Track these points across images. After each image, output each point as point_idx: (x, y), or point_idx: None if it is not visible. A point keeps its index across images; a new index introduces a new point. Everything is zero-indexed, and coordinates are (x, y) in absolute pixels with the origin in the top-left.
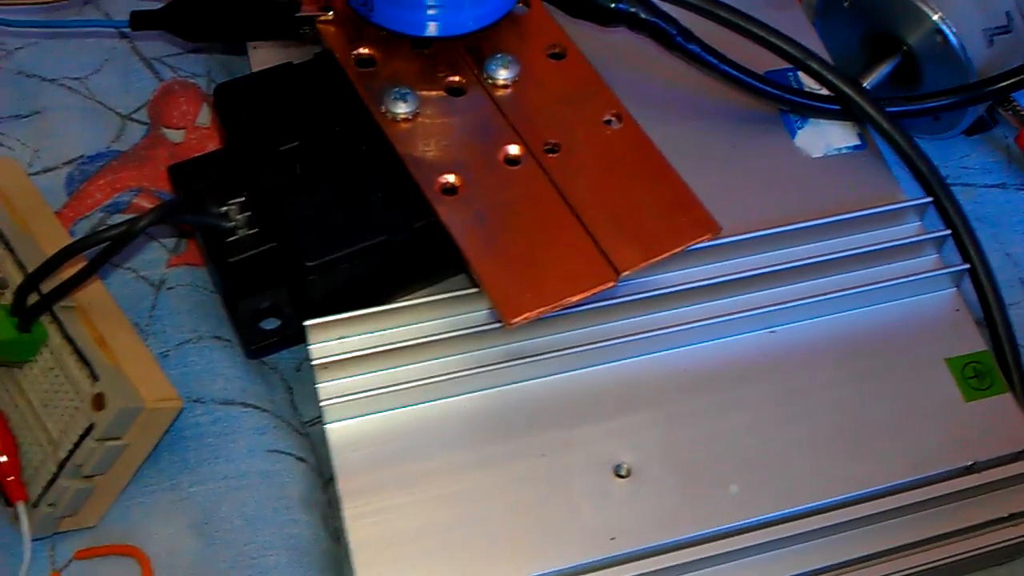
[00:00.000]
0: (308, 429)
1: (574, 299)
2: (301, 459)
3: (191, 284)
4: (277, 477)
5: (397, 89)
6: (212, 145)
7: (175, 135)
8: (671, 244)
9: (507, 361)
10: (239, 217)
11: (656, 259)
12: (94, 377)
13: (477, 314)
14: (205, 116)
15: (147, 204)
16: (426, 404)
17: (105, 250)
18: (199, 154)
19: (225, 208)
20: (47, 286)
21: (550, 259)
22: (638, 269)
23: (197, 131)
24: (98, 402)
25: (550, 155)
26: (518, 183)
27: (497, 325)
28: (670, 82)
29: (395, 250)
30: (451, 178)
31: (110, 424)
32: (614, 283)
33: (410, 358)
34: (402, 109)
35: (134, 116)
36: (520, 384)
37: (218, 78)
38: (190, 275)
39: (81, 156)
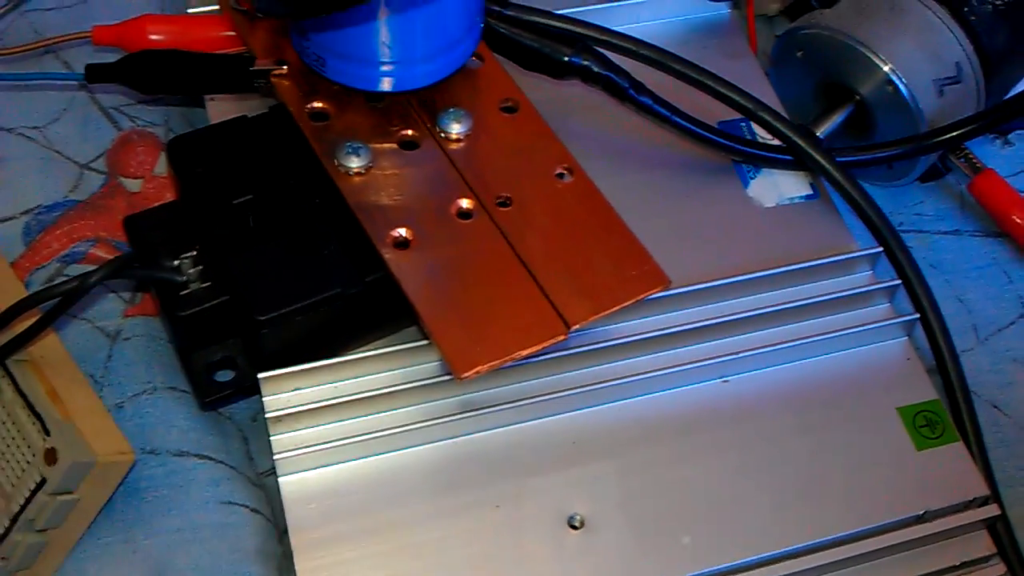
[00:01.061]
0: (264, 480)
1: (525, 352)
2: (256, 511)
3: (147, 335)
4: (232, 529)
5: (350, 143)
6: (170, 195)
7: (133, 184)
8: (621, 297)
9: (461, 413)
10: (192, 271)
11: (606, 312)
12: (46, 431)
13: (430, 366)
14: (163, 166)
15: (104, 254)
16: (380, 456)
17: (57, 304)
18: (154, 205)
19: (178, 261)
20: (0, 340)
21: (501, 312)
22: (588, 322)
23: (155, 180)
24: (50, 456)
25: (502, 209)
26: (470, 237)
27: (449, 377)
28: (623, 133)
29: (348, 303)
30: (403, 232)
31: (62, 478)
32: (564, 336)
33: (364, 410)
34: (355, 163)
35: (92, 165)
36: (474, 435)
37: (177, 128)
38: (146, 326)
39: (38, 206)
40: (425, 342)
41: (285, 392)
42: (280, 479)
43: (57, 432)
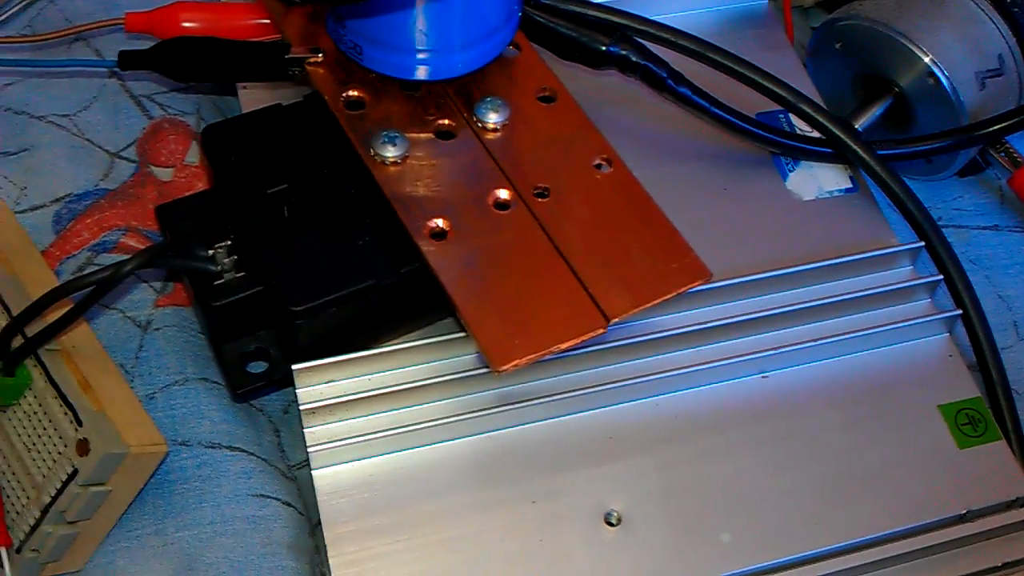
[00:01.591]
0: (295, 473)
1: (564, 346)
2: (288, 504)
3: (178, 325)
4: (263, 522)
5: (386, 132)
6: (201, 184)
7: (164, 173)
8: (661, 291)
9: (497, 407)
10: (226, 260)
11: (646, 306)
12: (78, 422)
13: (466, 359)
14: (194, 155)
15: (135, 243)
16: (415, 450)
17: (90, 294)
18: (187, 194)
19: (212, 251)
20: (32, 329)
21: (540, 305)
22: (628, 316)
23: (186, 169)
24: (82, 447)
25: (540, 200)
26: (507, 228)
27: (486, 370)
28: (661, 125)
29: (383, 295)
30: (440, 222)
31: (94, 469)
32: (604, 330)
33: (398, 403)
34: (391, 152)
35: (123, 154)
36: (510, 429)
37: (208, 117)
38: (177, 316)
39: (69, 194)
40: (461, 335)
41: (319, 384)
42: (313, 472)
43: (89, 422)
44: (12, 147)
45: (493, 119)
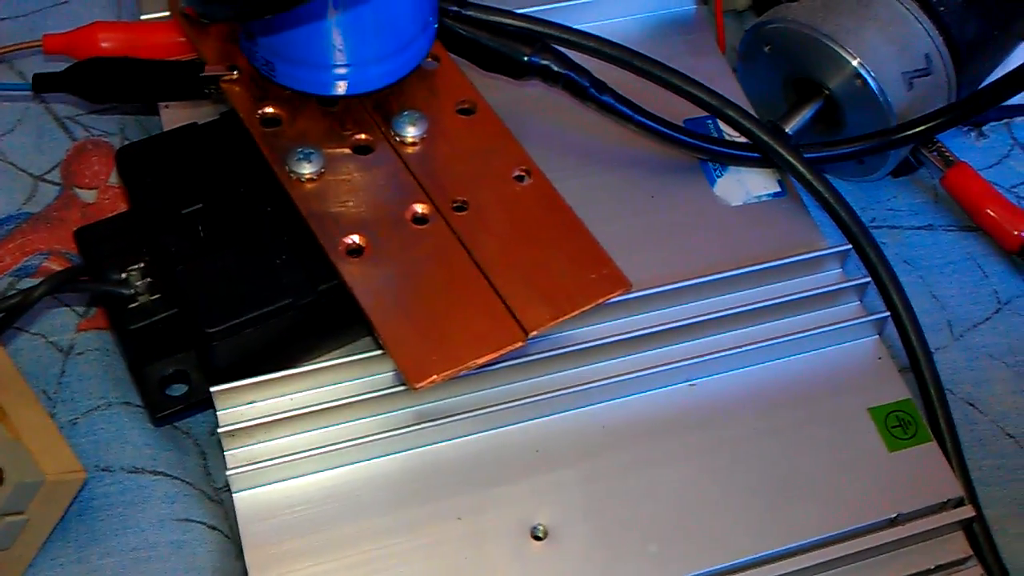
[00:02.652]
0: (222, 495)
1: (481, 360)
2: (213, 527)
3: (101, 349)
4: (188, 547)
5: (301, 149)
6: (125, 205)
7: (88, 195)
8: (581, 301)
9: (418, 423)
10: (140, 283)
11: (565, 317)
12: None
13: (387, 376)
14: (116, 176)
15: (57, 267)
16: (338, 469)
17: (4, 318)
18: (107, 216)
19: (126, 274)
20: None
21: (457, 320)
22: (547, 328)
23: (110, 191)
24: (1, 475)
25: (458, 213)
26: (425, 243)
27: (406, 388)
28: (586, 134)
29: (301, 313)
30: (356, 239)
31: (9, 498)
32: (523, 343)
33: (320, 422)
34: (307, 169)
35: (47, 177)
36: (433, 446)
37: (132, 136)
38: (100, 340)
39: None
40: (381, 352)
41: (239, 405)
42: (235, 495)
43: (4, 451)
44: None
45: (411, 132)
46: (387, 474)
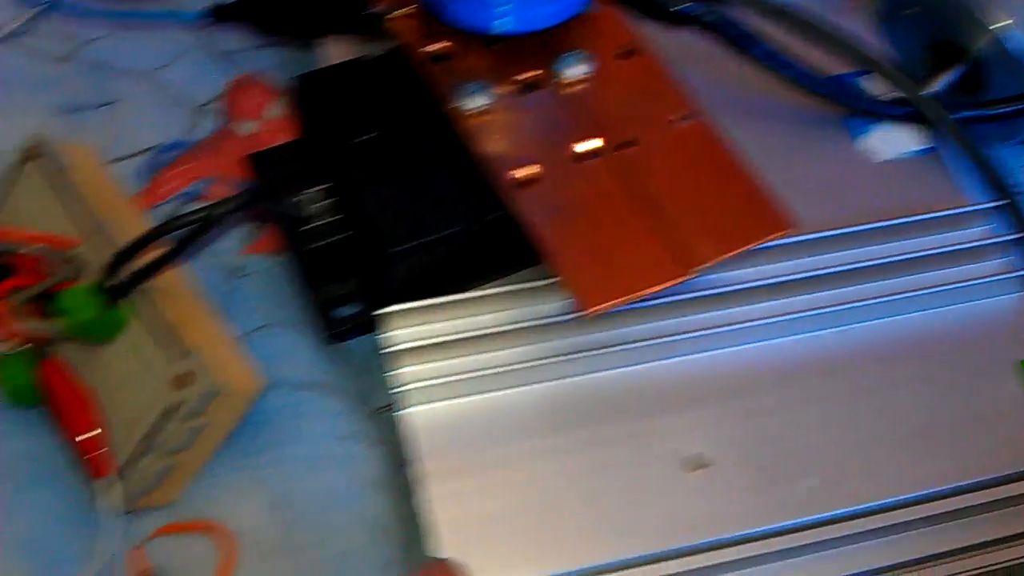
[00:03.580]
0: (380, 415)
1: (650, 290)
2: (374, 443)
3: (265, 272)
4: (352, 460)
5: (470, 84)
6: (284, 137)
7: (247, 127)
8: (745, 240)
9: (580, 352)
10: (318, 205)
11: (730, 254)
12: (178, 356)
13: (551, 305)
14: (276, 109)
15: (222, 193)
16: (499, 392)
17: (191, 233)
18: (276, 144)
19: (304, 196)
20: (132, 268)
21: (625, 252)
22: (712, 264)
23: (268, 123)
24: (182, 381)
25: (622, 151)
26: (591, 178)
27: (571, 316)
28: (735, 85)
29: (470, 240)
30: (525, 171)
31: (194, 403)
32: (689, 276)
33: (485, 347)
34: (475, 103)
35: (206, 108)
36: (594, 375)
37: (287, 73)
38: (265, 262)
39: (156, 145)
40: (543, 283)
41: (404, 328)
42: (402, 412)
43: (190, 357)
44: (99, 100)
45: (575, 72)
46: (547, 399)
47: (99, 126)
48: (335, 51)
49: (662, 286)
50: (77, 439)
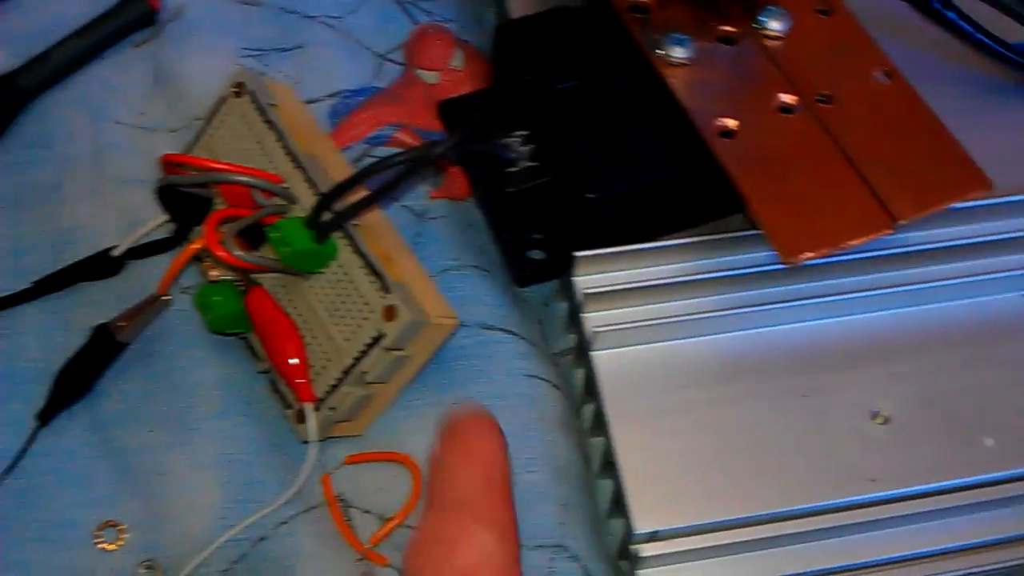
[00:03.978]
0: (559, 359)
1: (852, 243)
2: (556, 386)
3: (450, 216)
4: (537, 401)
5: (674, 34)
6: (466, 88)
7: (430, 76)
8: (946, 196)
9: (773, 303)
10: (522, 149)
11: (932, 210)
12: (385, 290)
13: (741, 256)
14: (459, 59)
15: (408, 139)
16: (689, 339)
17: (403, 172)
18: (467, 92)
19: (508, 140)
20: (342, 204)
21: (828, 204)
22: (915, 218)
23: (451, 73)
24: (389, 313)
25: (823, 105)
26: (793, 130)
27: (764, 268)
28: (923, 46)
29: (669, 189)
30: (728, 122)
31: (399, 335)
32: (891, 231)
33: (672, 295)
34: (679, 53)
35: (389, 56)
36: (785, 326)
37: (467, 24)
38: (449, 207)
39: (343, 90)
40: (740, 233)
41: (596, 273)
42: (593, 353)
43: (396, 291)
44: (287, 44)
45: (775, 27)
46: (737, 349)
47: (286, 69)
48: (516, 3)
49: (866, 238)
50: (281, 366)
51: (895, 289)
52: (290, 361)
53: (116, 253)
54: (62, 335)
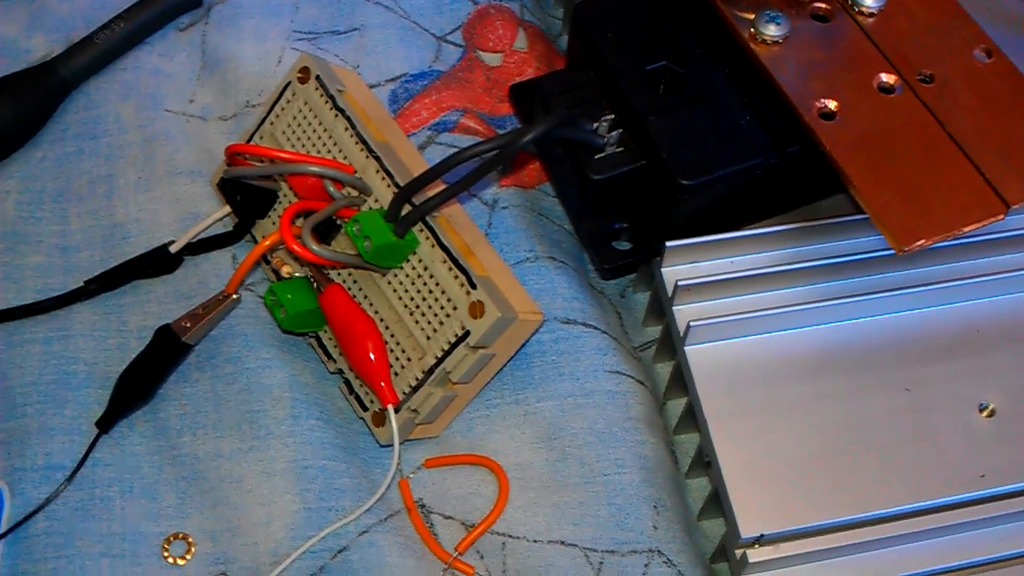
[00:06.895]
0: (639, 354)
1: (966, 229)
2: (640, 382)
3: (521, 205)
4: (621, 397)
5: (768, 12)
6: (530, 70)
7: (492, 59)
8: None
9: (873, 292)
10: (610, 134)
11: None
12: (471, 285)
13: (844, 243)
14: (522, 41)
15: (473, 124)
16: (783, 332)
17: (491, 160)
18: (533, 75)
19: (596, 124)
20: (422, 196)
21: (937, 188)
22: None
23: (515, 55)
24: (475, 309)
25: (924, 85)
26: (896, 111)
27: (865, 255)
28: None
29: (767, 175)
30: (828, 103)
31: (486, 332)
32: (1003, 215)
33: (772, 285)
34: (773, 32)
35: (448, 38)
36: (885, 316)
37: (528, 4)
38: (520, 196)
39: (404, 74)
40: (833, 220)
41: (686, 264)
42: (687, 348)
43: (482, 287)
44: (342, 27)
45: (870, 4)
46: (835, 340)
47: (342, 53)
48: None
49: (979, 224)
50: (359, 366)
51: (1000, 276)
52: (370, 361)
53: (174, 249)
54: (117, 336)
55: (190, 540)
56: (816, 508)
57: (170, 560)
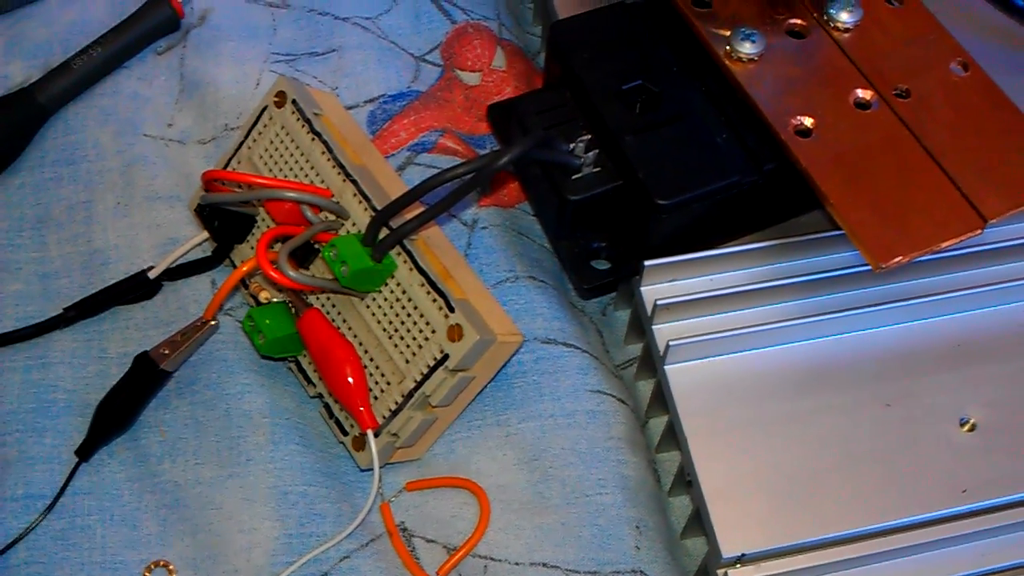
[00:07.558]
0: (620, 372)
1: (944, 245)
2: (622, 401)
3: (501, 225)
4: (603, 417)
5: (743, 29)
6: (509, 89)
7: (471, 78)
8: None
9: (852, 308)
10: (586, 155)
11: (1023, 207)
12: (449, 308)
13: (822, 259)
14: (500, 60)
15: (453, 144)
16: (761, 350)
17: (464, 186)
18: (511, 94)
19: (573, 145)
20: (400, 219)
21: (914, 204)
22: (1005, 217)
23: (493, 74)
24: (454, 333)
25: (901, 100)
26: (872, 127)
27: (843, 271)
28: (990, 38)
29: (743, 192)
30: (805, 120)
31: (465, 355)
32: (980, 231)
33: (751, 303)
34: (749, 49)
35: (427, 58)
36: (864, 332)
37: (507, 22)
38: (499, 216)
39: (382, 95)
40: (810, 236)
41: (665, 282)
42: (667, 367)
43: (460, 309)
44: (320, 48)
45: (845, 19)
46: (814, 357)
47: (320, 75)
48: (566, 1)
49: (957, 239)
50: (339, 391)
51: (978, 289)
52: (349, 386)
53: (153, 275)
54: (97, 364)
55: (171, 568)
56: (798, 526)
57: None
